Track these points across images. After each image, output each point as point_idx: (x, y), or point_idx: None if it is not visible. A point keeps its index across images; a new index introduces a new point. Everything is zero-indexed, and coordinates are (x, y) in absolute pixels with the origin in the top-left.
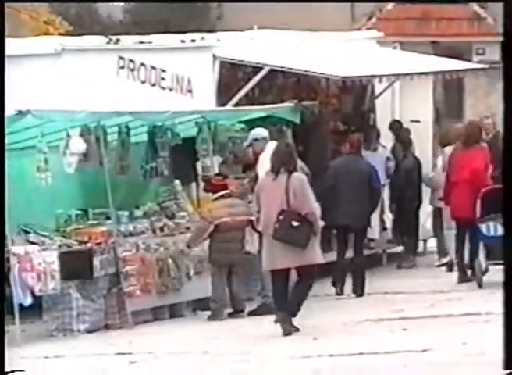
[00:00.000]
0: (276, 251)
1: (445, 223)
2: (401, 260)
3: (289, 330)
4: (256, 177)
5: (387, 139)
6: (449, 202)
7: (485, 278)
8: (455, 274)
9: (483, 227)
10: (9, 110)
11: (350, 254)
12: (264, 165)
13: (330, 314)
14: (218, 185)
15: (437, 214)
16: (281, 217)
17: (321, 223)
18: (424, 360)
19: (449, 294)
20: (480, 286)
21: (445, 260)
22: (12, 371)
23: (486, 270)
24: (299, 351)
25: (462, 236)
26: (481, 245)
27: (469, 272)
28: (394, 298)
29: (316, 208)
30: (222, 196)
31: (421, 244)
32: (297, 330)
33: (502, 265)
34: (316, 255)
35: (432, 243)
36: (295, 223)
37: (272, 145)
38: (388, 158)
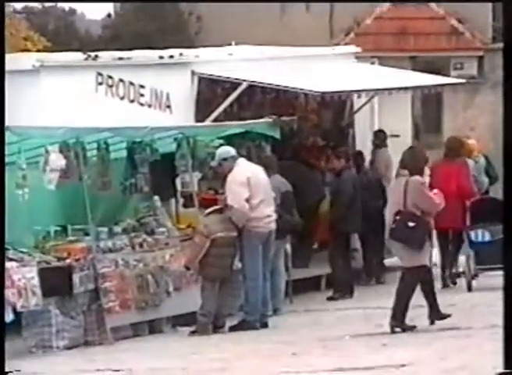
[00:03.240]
0: (394, 251)
1: None
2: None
3: (395, 325)
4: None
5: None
6: None
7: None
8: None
9: (472, 234)
10: None
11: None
12: (233, 187)
13: (309, 329)
14: (210, 200)
15: None
16: (397, 217)
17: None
18: None
19: None
20: (469, 289)
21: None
22: (11, 371)
23: (476, 275)
24: (278, 366)
25: (445, 246)
26: (471, 252)
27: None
28: (373, 313)
29: (432, 204)
30: (215, 211)
31: None
32: (412, 328)
33: (488, 270)
34: (426, 256)
35: None
36: (411, 224)
37: (242, 163)
38: None
